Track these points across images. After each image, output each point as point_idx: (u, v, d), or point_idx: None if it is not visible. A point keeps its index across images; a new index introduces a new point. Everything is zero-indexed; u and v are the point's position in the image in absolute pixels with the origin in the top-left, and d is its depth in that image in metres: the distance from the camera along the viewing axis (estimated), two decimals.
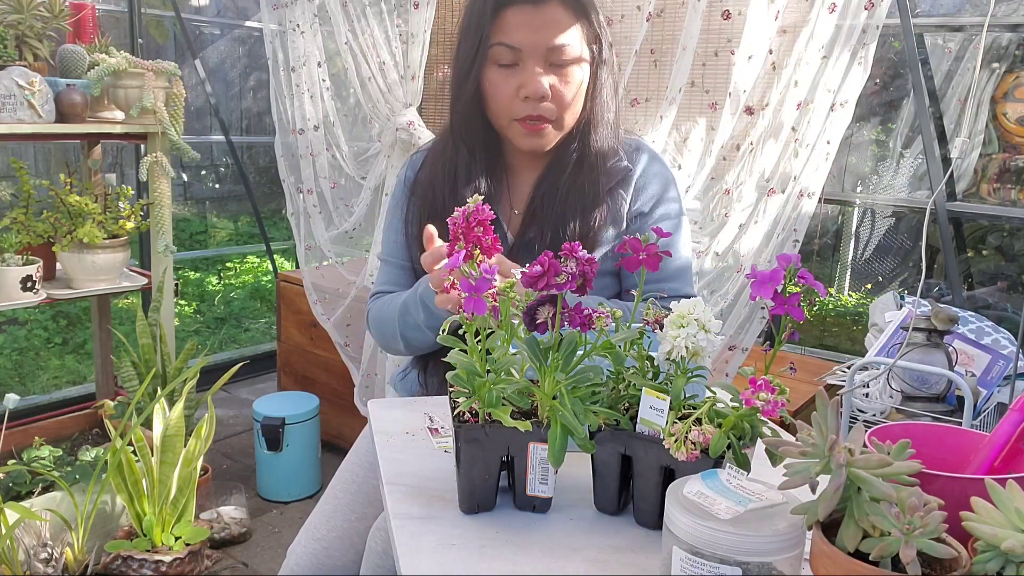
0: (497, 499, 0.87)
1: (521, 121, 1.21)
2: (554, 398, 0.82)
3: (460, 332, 0.86)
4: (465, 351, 0.85)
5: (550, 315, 0.81)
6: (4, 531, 1.78)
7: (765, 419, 0.77)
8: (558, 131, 1.24)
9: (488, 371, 0.84)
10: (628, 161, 1.30)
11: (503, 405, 0.82)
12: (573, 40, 1.18)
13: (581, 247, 0.81)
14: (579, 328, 0.82)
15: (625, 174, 1.29)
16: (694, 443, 0.77)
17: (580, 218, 1.24)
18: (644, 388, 0.82)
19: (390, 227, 1.36)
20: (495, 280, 0.81)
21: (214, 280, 4.56)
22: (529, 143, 1.23)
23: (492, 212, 0.84)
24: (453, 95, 1.26)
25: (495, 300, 0.81)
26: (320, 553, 1.22)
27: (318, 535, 1.24)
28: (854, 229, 3.32)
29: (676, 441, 0.77)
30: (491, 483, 0.85)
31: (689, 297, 1.31)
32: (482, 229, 0.83)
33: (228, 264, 4.68)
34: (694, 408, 0.82)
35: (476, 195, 0.84)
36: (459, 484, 0.85)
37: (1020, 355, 1.80)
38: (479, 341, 0.84)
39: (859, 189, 3.16)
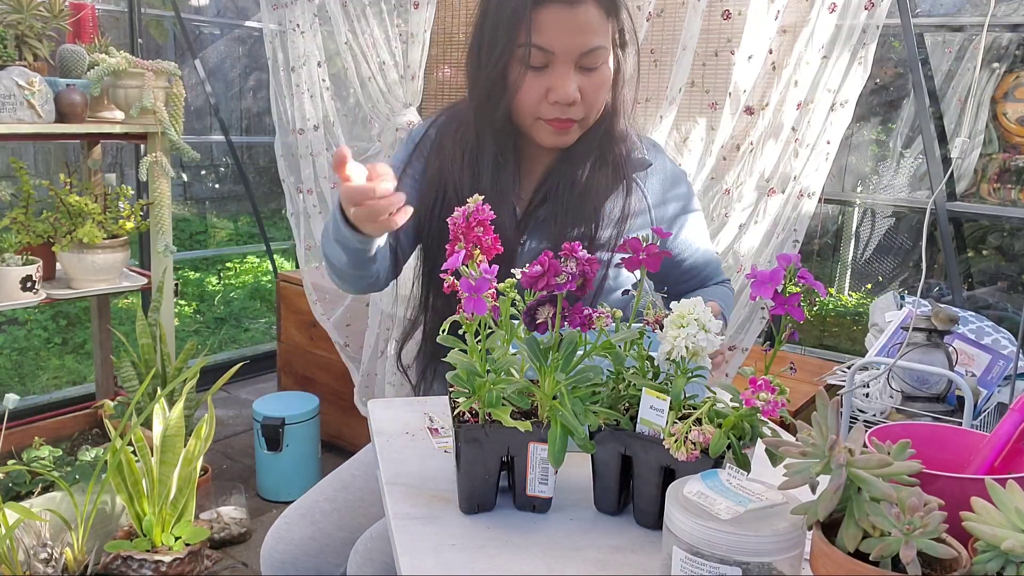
0: (497, 499, 0.87)
1: (548, 121, 1.19)
2: (554, 398, 0.82)
3: (460, 332, 0.86)
4: (465, 351, 0.85)
5: (550, 315, 0.81)
6: (4, 531, 1.78)
7: (765, 419, 0.77)
8: (583, 129, 1.24)
9: (488, 371, 0.84)
10: (647, 154, 1.33)
11: (503, 405, 0.82)
12: (605, 41, 1.16)
13: (581, 247, 0.81)
14: (579, 328, 0.82)
15: (644, 166, 1.31)
16: (694, 443, 0.77)
17: (596, 212, 1.24)
18: (644, 388, 0.82)
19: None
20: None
21: (214, 280, 4.56)
22: (554, 141, 1.22)
23: (492, 212, 0.84)
24: (478, 91, 1.22)
25: (495, 300, 0.81)
26: (281, 528, 1.25)
27: (286, 513, 1.28)
28: (854, 229, 3.32)
29: (676, 441, 0.77)
30: (491, 483, 0.85)
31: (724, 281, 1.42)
32: (482, 229, 0.83)
33: (228, 264, 4.69)
34: (694, 408, 0.82)
35: (476, 195, 0.84)
36: (459, 484, 0.85)
37: (1020, 355, 1.80)
38: (479, 341, 0.84)
39: (859, 189, 3.16)
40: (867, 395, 1.81)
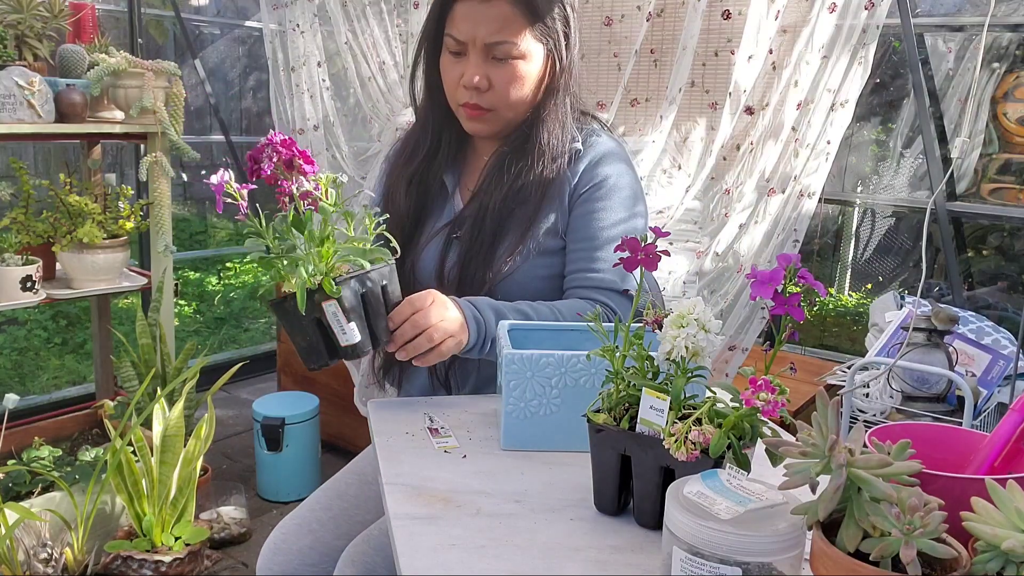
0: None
1: (462, 106, 1.29)
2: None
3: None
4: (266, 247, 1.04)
5: (271, 161, 1.00)
6: (4, 531, 1.78)
7: (765, 419, 0.77)
8: (498, 120, 1.30)
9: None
10: (580, 144, 1.33)
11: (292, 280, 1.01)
12: (515, 37, 1.24)
13: (282, 134, 0.99)
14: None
15: (572, 153, 1.32)
16: (694, 443, 0.77)
17: (520, 210, 1.29)
18: (644, 388, 0.82)
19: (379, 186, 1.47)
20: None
21: (214, 280, 4.56)
22: (470, 127, 1.32)
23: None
24: (425, 81, 1.37)
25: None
26: (278, 539, 1.26)
27: (282, 525, 1.29)
28: (854, 229, 3.32)
29: (676, 441, 0.77)
30: (313, 341, 1.04)
31: (620, 294, 1.27)
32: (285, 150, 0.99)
33: (228, 264, 4.68)
34: (694, 408, 0.82)
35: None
36: (297, 351, 1.05)
37: (1020, 355, 1.80)
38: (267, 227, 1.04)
39: (859, 189, 3.16)
40: (867, 395, 1.81)
